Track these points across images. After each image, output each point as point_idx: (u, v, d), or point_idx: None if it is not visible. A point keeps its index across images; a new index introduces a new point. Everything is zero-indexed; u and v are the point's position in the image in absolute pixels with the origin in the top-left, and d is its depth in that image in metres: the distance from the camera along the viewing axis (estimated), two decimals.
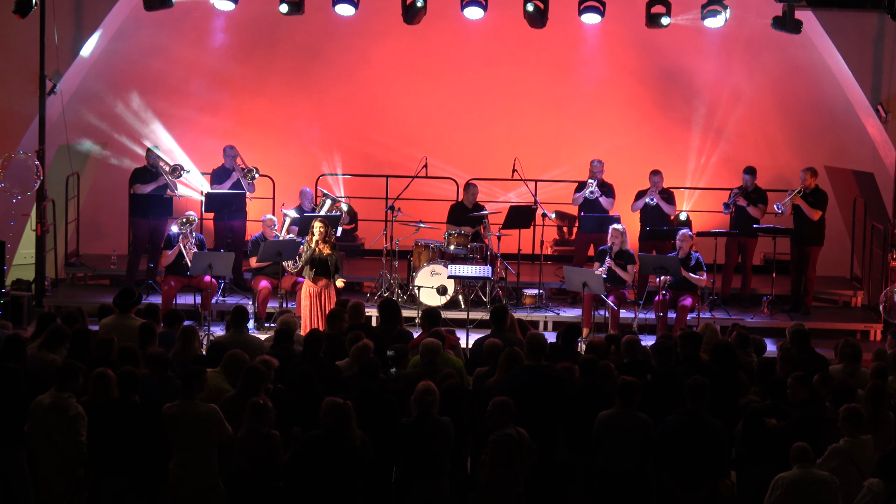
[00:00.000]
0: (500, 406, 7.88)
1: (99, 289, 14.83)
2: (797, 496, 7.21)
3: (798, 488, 7.22)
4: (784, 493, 7.24)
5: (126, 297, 10.18)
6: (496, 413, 7.87)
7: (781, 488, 7.26)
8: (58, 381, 7.88)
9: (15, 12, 12.72)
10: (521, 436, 7.88)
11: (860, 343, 9.67)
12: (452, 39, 16.12)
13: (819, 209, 13.72)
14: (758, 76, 15.83)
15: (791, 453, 7.33)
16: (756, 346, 10.02)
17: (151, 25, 14.67)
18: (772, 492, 7.31)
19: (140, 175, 14.11)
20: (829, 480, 7.26)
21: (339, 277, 12.40)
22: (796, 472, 7.27)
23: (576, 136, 16.51)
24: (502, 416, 7.86)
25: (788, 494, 7.23)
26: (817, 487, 7.22)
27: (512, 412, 7.87)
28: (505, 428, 7.85)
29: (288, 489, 7.65)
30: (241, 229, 14.36)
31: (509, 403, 7.88)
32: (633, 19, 14.26)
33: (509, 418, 7.87)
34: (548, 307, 14.02)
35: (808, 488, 7.22)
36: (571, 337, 9.96)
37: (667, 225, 14.20)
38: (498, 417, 7.87)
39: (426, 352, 8.82)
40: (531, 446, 7.93)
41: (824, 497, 7.23)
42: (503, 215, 14.06)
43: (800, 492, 7.21)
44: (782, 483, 7.27)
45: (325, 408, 7.50)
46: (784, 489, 7.24)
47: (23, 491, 8.11)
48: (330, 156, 16.67)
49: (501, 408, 7.88)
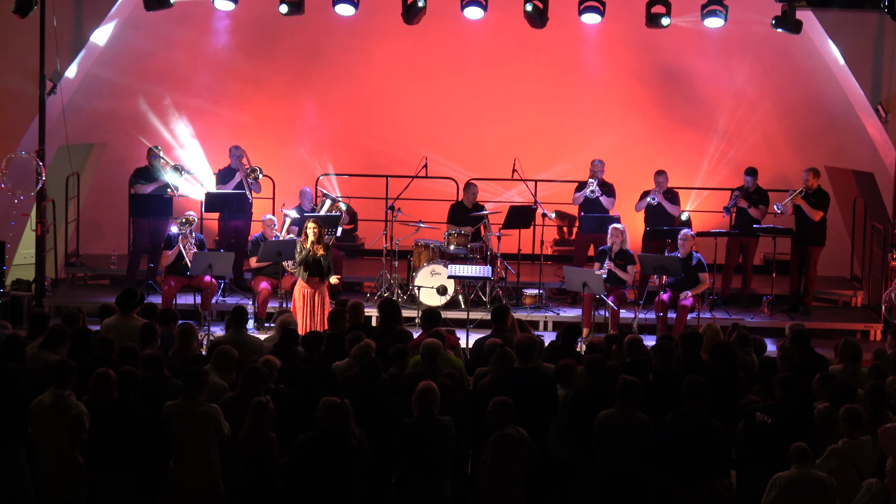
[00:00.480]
0: (499, 406, 7.88)
1: (99, 289, 14.83)
2: (794, 496, 7.21)
3: (795, 488, 7.21)
4: (781, 492, 7.23)
5: (128, 298, 10.18)
6: (496, 413, 7.87)
7: (778, 488, 7.25)
8: (54, 381, 7.88)
9: (15, 12, 12.72)
10: (522, 436, 7.88)
11: (860, 343, 9.66)
12: (452, 39, 16.12)
13: (821, 210, 13.72)
14: (758, 76, 15.82)
15: (790, 453, 7.32)
16: (756, 346, 10.02)
17: (151, 26, 14.66)
18: (769, 491, 7.31)
19: (141, 175, 14.11)
20: (826, 481, 7.25)
21: (332, 276, 12.40)
22: (794, 471, 7.27)
23: (576, 136, 16.50)
24: (502, 417, 7.86)
25: (785, 494, 7.22)
26: (814, 487, 7.21)
27: (512, 412, 7.87)
28: (505, 428, 7.85)
29: (288, 489, 7.65)
30: (244, 229, 14.34)
31: (509, 403, 7.88)
32: (633, 19, 14.25)
33: (509, 418, 7.87)
34: (548, 307, 14.02)
35: (805, 488, 7.21)
36: (572, 337, 9.96)
37: (672, 225, 14.20)
38: (498, 417, 7.87)
39: (426, 352, 8.82)
40: (531, 446, 7.93)
41: (821, 497, 7.22)
42: (503, 215, 14.07)
43: (797, 491, 7.21)
44: (780, 483, 7.27)
45: (321, 407, 7.50)
46: (781, 489, 7.24)
47: (23, 491, 8.11)
48: (330, 156, 16.67)
49: (501, 408, 7.87)
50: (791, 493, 7.21)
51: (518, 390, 8.27)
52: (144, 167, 14.14)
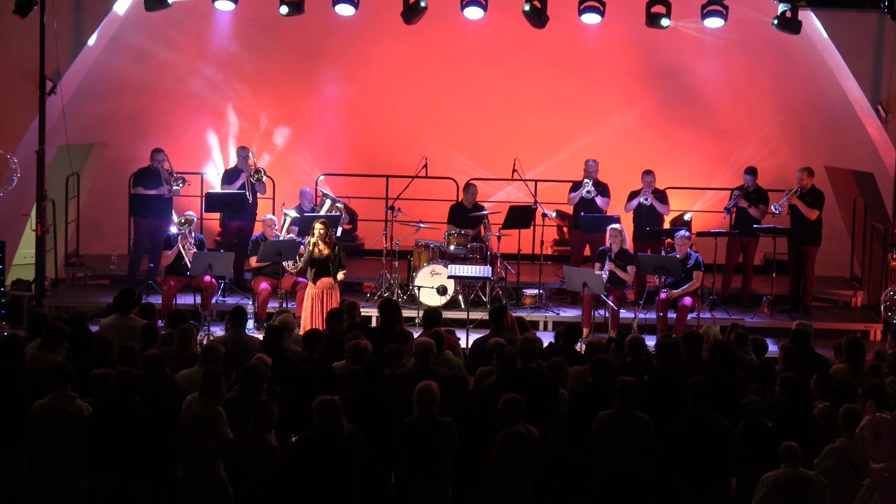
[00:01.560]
0: (509, 403, 7.90)
1: (99, 289, 14.83)
2: (781, 495, 7.21)
3: (782, 487, 7.22)
4: (768, 491, 7.25)
5: (126, 298, 10.18)
6: (506, 410, 7.89)
7: (766, 487, 7.28)
8: (53, 382, 7.88)
9: (15, 12, 12.72)
10: (530, 433, 7.89)
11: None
12: (452, 39, 16.11)
13: (816, 208, 13.72)
14: (757, 76, 15.82)
15: (779, 452, 7.33)
16: (758, 346, 10.02)
17: (151, 25, 14.66)
18: (758, 491, 7.33)
19: (142, 177, 14.09)
20: (814, 479, 7.26)
21: (341, 271, 12.40)
22: (782, 470, 7.28)
23: (575, 136, 16.50)
24: (512, 414, 7.87)
25: (772, 493, 7.23)
26: (801, 486, 7.22)
27: (521, 409, 7.89)
28: (514, 425, 7.86)
29: (287, 489, 7.65)
30: (247, 230, 14.31)
31: (518, 401, 7.89)
32: (633, 19, 14.25)
33: (518, 416, 7.88)
34: (548, 307, 14.01)
35: (792, 487, 7.21)
36: (572, 337, 9.96)
37: (661, 224, 14.20)
38: (507, 414, 7.88)
39: (419, 351, 8.83)
40: (539, 443, 7.94)
41: (809, 496, 7.22)
42: (503, 215, 14.06)
43: (784, 490, 7.21)
44: (767, 482, 7.29)
45: (316, 406, 7.51)
46: (768, 488, 7.26)
47: (23, 491, 8.11)
48: (330, 156, 16.67)
49: (511, 405, 7.89)
50: (778, 492, 7.21)
51: (520, 390, 8.28)
52: (147, 168, 14.11)
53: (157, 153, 14.08)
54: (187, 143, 16.19)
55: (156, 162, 14.02)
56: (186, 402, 7.85)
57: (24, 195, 13.65)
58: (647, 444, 8.04)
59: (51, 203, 14.00)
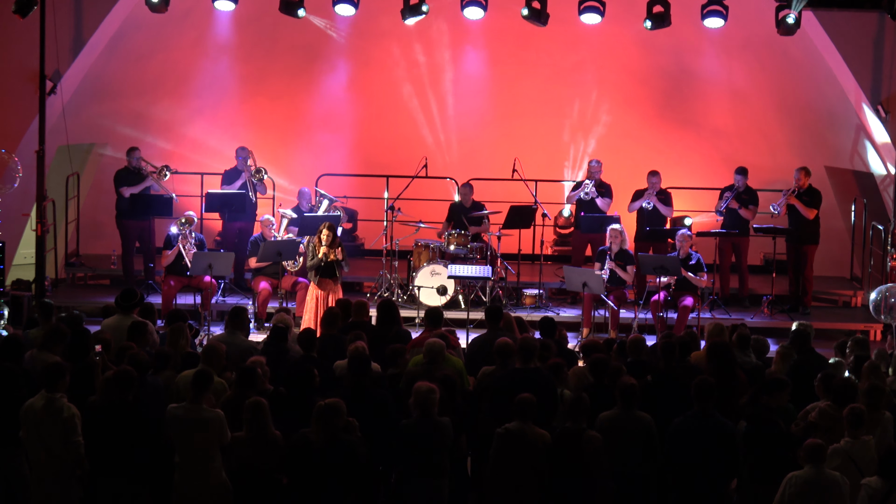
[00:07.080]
0: (520, 402, 7.88)
1: (99, 289, 14.84)
2: (809, 496, 7.20)
3: (810, 488, 7.21)
4: (797, 492, 7.22)
5: (128, 298, 10.17)
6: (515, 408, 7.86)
7: (795, 487, 7.24)
8: (46, 382, 7.84)
9: (15, 12, 12.73)
10: (532, 430, 7.87)
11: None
12: (452, 39, 16.12)
13: (814, 208, 13.72)
14: (757, 76, 15.82)
15: (803, 452, 7.31)
16: (760, 347, 10.00)
17: (151, 25, 14.66)
18: (784, 490, 7.30)
19: (124, 177, 14.08)
20: (840, 481, 7.26)
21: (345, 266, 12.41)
22: (808, 471, 7.26)
23: (575, 137, 16.50)
24: (517, 412, 7.85)
25: (800, 494, 7.21)
26: (829, 487, 7.22)
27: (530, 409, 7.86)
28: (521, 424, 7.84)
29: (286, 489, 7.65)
30: (247, 230, 14.30)
31: (532, 400, 7.87)
32: (633, 19, 14.26)
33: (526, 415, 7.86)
34: (548, 307, 14.01)
35: (819, 488, 7.21)
36: (549, 330, 9.96)
37: (663, 226, 14.19)
38: (514, 412, 7.87)
39: (430, 352, 8.81)
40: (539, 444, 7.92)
41: (835, 498, 7.22)
42: (503, 215, 14.06)
43: (812, 491, 7.20)
44: (795, 482, 7.26)
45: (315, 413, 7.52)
46: (797, 488, 7.23)
47: (22, 491, 8.10)
48: (330, 156, 16.67)
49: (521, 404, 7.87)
50: (806, 493, 7.20)
51: (519, 390, 8.28)
52: (125, 168, 14.11)
53: (132, 151, 14.12)
54: (187, 143, 16.19)
55: (134, 160, 14.03)
56: (185, 406, 7.82)
57: (24, 195, 13.66)
58: (649, 444, 8.04)
59: (51, 203, 14.00)
